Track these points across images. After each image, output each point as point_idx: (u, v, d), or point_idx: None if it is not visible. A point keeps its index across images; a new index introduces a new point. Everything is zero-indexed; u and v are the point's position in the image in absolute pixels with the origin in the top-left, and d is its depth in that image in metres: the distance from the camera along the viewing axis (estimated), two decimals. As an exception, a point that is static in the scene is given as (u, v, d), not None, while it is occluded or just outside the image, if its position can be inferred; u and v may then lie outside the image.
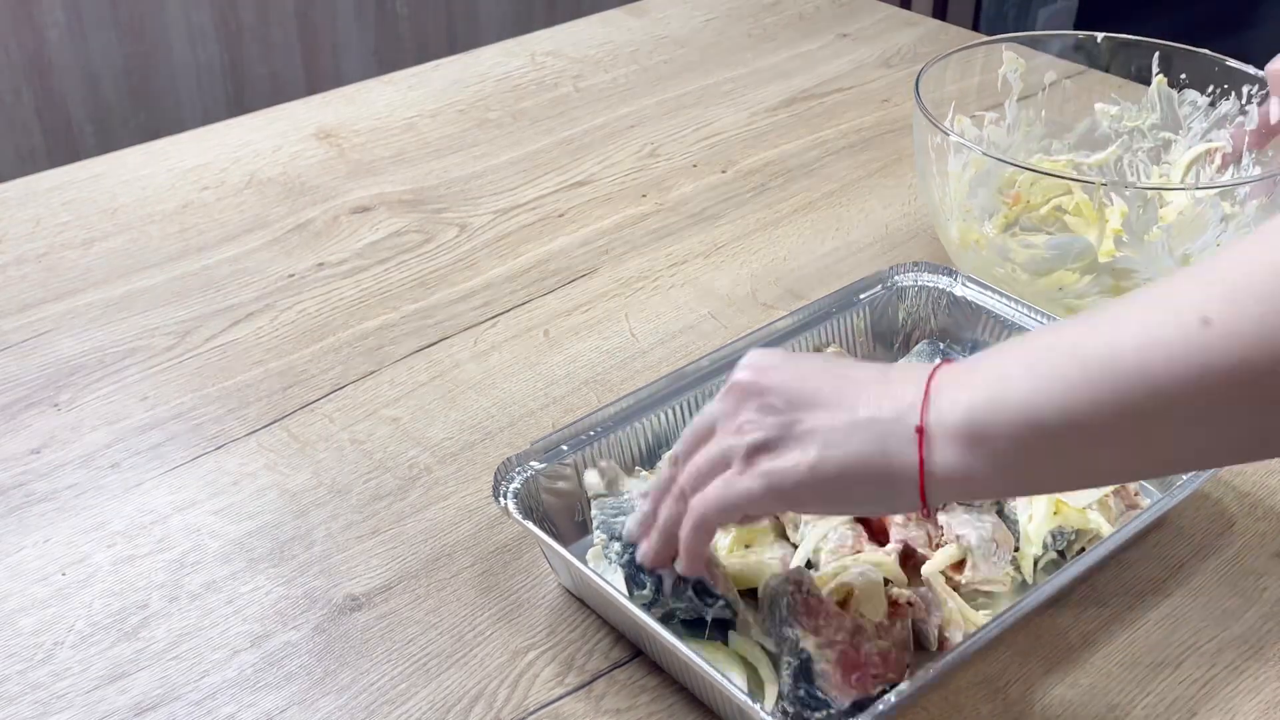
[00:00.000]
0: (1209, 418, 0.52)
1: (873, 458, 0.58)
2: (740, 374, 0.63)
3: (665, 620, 0.69)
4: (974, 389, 0.56)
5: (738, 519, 0.64)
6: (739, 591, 0.70)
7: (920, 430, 0.56)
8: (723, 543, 0.72)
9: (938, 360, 0.61)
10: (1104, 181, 0.99)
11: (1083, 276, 0.91)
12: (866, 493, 0.59)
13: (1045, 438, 0.54)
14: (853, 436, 0.58)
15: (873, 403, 0.58)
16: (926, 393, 0.57)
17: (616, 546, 0.70)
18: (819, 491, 0.59)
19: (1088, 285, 0.91)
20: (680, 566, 0.65)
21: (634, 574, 0.69)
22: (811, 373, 0.61)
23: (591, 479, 0.73)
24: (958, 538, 0.72)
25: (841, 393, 0.60)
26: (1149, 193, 0.93)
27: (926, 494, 0.57)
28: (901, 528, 0.73)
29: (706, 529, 0.63)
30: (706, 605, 0.68)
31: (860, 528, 0.73)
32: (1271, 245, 0.51)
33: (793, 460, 0.59)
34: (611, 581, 0.69)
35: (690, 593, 0.68)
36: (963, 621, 0.70)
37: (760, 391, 0.61)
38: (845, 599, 0.69)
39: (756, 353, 0.64)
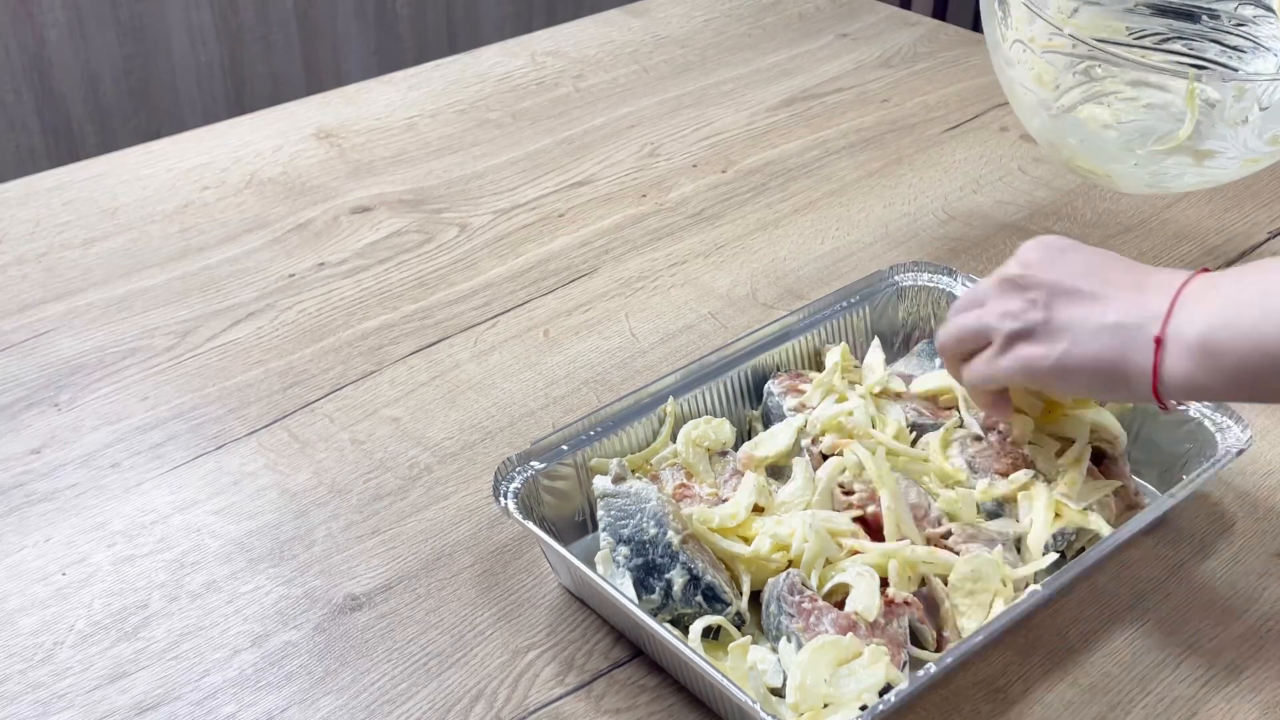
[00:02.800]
0: None
1: (1113, 358, 0.67)
2: (1011, 267, 0.72)
3: (674, 622, 0.69)
4: (1211, 310, 0.65)
5: (998, 387, 0.75)
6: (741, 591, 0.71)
7: (1158, 341, 0.66)
8: (714, 521, 0.72)
9: (1191, 273, 0.68)
10: (1198, 76, 0.94)
11: (1168, 155, 0.91)
12: (1105, 385, 0.69)
13: (1269, 359, 0.62)
14: (1099, 337, 0.68)
15: (1123, 308, 0.68)
16: (1172, 306, 0.66)
17: (624, 550, 0.70)
18: (1064, 379, 0.70)
19: (1170, 163, 0.91)
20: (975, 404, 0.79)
21: (643, 579, 0.69)
22: (1075, 270, 0.71)
23: (599, 480, 0.73)
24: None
25: (1098, 294, 0.69)
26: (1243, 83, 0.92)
27: (1159, 393, 0.67)
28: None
29: (974, 390, 0.77)
30: (716, 610, 0.68)
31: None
32: None
33: (1043, 351, 0.70)
34: (615, 583, 0.69)
35: (700, 598, 0.68)
36: (961, 621, 0.70)
37: (1026, 286, 0.71)
38: (841, 598, 0.69)
39: (1029, 248, 0.73)
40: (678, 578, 0.68)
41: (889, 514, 0.72)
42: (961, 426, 0.81)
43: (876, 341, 0.88)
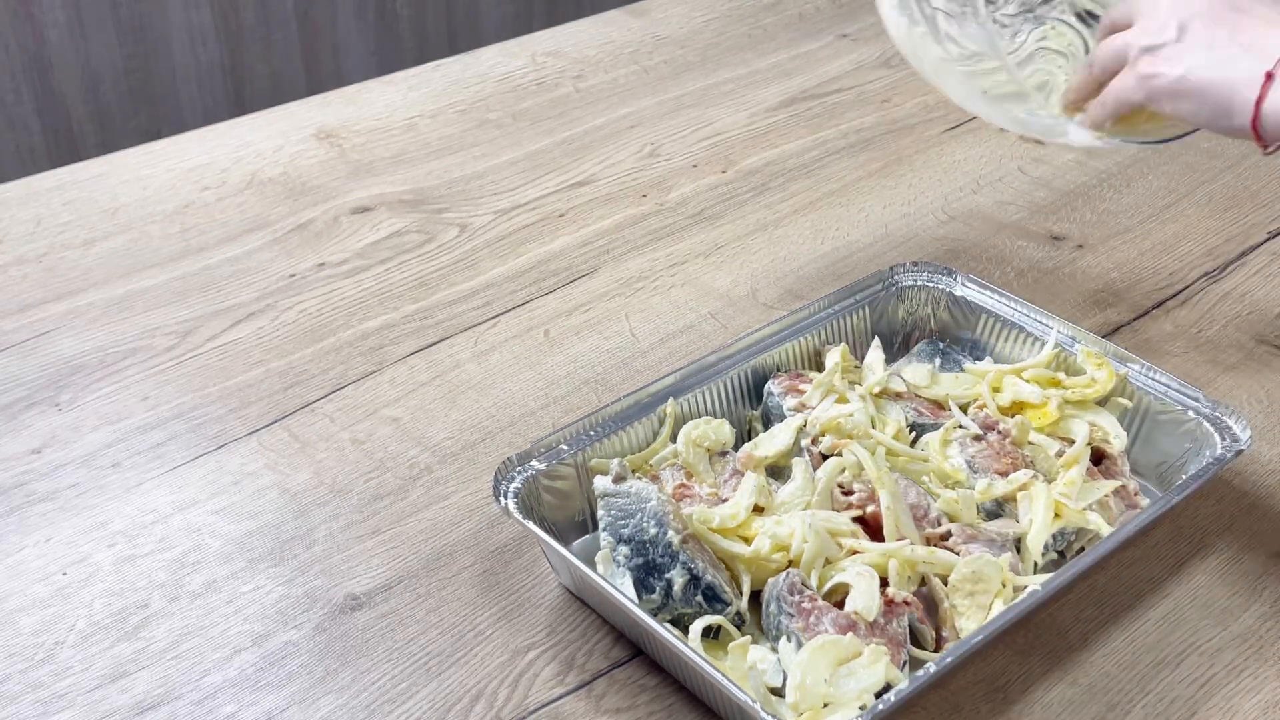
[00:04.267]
0: None
1: (1224, 87, 0.72)
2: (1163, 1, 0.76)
3: (674, 622, 0.69)
4: None
5: (1126, 108, 0.79)
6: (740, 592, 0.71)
7: (1269, 76, 0.70)
8: (714, 521, 0.72)
9: None
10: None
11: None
12: (1212, 113, 0.73)
13: None
14: (1219, 66, 0.72)
15: (1249, 42, 0.72)
16: None
17: (625, 550, 0.70)
18: (1176, 100, 0.75)
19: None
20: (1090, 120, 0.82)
21: (643, 579, 0.69)
22: (1220, 3, 0.74)
23: (599, 480, 0.73)
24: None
25: (1233, 25, 0.73)
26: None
27: (1259, 124, 0.71)
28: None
29: (1106, 109, 0.80)
30: (716, 610, 0.68)
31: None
32: None
33: (1164, 68, 0.74)
34: (615, 583, 0.69)
35: (700, 598, 0.68)
36: (960, 621, 0.70)
37: (1173, 6, 0.75)
38: (841, 598, 0.69)
39: None
40: (678, 577, 0.68)
41: (888, 514, 0.72)
42: (961, 427, 0.81)
43: (876, 341, 0.88)
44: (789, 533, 0.71)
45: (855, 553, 0.71)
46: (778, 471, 0.79)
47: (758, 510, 0.74)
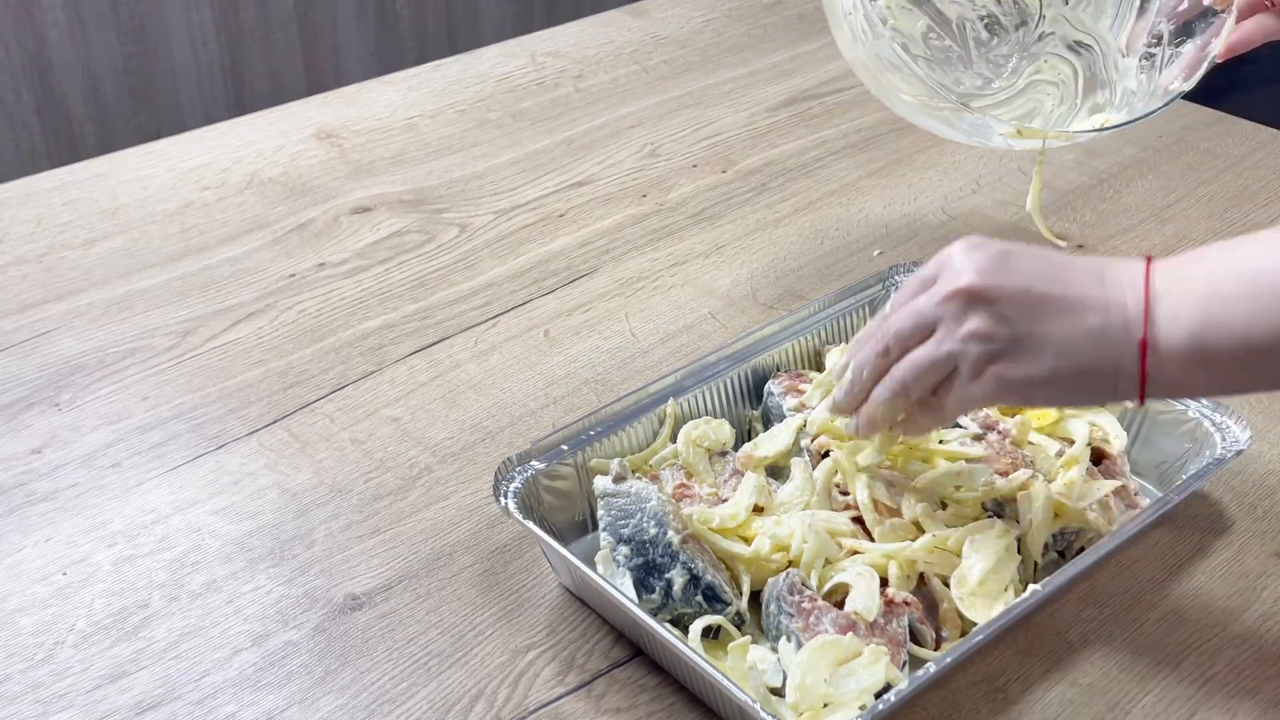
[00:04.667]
0: None
1: (1103, 367, 0.63)
2: (964, 278, 0.64)
3: (674, 622, 0.69)
4: (1192, 307, 0.61)
5: (970, 411, 0.71)
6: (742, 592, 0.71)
7: (1143, 345, 0.62)
8: (714, 521, 0.72)
9: (1143, 259, 0.64)
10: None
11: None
12: (1092, 394, 0.64)
13: (1262, 356, 0.60)
14: (1084, 347, 0.63)
15: (1099, 311, 0.63)
16: (1146, 302, 0.62)
17: (625, 550, 0.70)
18: (1050, 394, 0.64)
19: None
20: (860, 428, 0.70)
21: (643, 579, 0.69)
22: (1032, 275, 0.64)
23: (599, 480, 0.73)
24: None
25: (1067, 300, 0.63)
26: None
27: (1146, 396, 0.63)
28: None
29: (944, 421, 0.69)
30: (716, 610, 0.68)
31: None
32: None
33: (1027, 370, 0.63)
34: (615, 583, 0.69)
35: (700, 598, 0.68)
36: (960, 621, 0.70)
37: (989, 300, 0.63)
38: (841, 598, 0.69)
39: (973, 254, 0.65)
40: (678, 577, 0.68)
41: (865, 508, 0.72)
42: (958, 425, 0.81)
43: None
44: (789, 533, 0.71)
45: (855, 553, 0.71)
46: (777, 471, 0.79)
47: (757, 510, 0.74)
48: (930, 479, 0.75)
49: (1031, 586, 0.69)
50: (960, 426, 0.80)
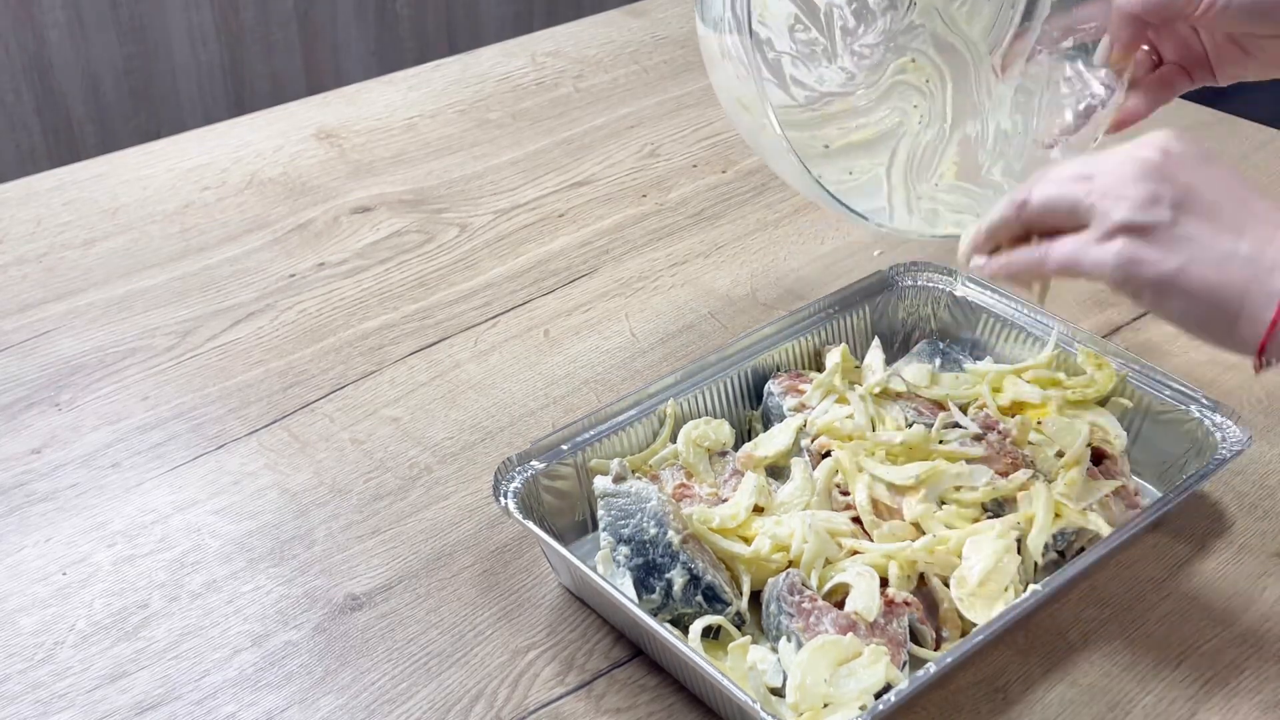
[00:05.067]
0: None
1: (1230, 295, 0.58)
2: (1148, 151, 0.61)
3: (674, 622, 0.69)
4: None
5: (1073, 277, 0.63)
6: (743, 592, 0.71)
7: None
8: (714, 521, 0.72)
9: None
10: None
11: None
12: (1207, 322, 0.59)
13: None
14: (1224, 264, 0.58)
15: (1259, 241, 0.58)
16: None
17: (625, 550, 0.70)
18: (1165, 298, 0.59)
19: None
20: (998, 274, 0.65)
21: (644, 579, 0.69)
22: (1217, 184, 0.60)
23: (599, 480, 0.73)
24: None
25: (1237, 218, 0.59)
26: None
27: (1266, 351, 0.58)
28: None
29: (1044, 267, 0.63)
30: (716, 611, 0.68)
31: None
32: None
33: (1157, 256, 0.59)
34: (615, 583, 0.69)
35: (700, 598, 0.68)
36: (960, 621, 0.70)
37: (1160, 177, 0.60)
38: (841, 598, 0.69)
39: (1172, 137, 0.62)
40: (678, 577, 0.68)
41: (863, 510, 0.72)
42: (960, 427, 0.81)
43: (876, 341, 0.88)
44: (789, 533, 0.71)
45: (855, 553, 0.71)
46: (777, 471, 0.79)
47: (757, 510, 0.74)
48: (931, 480, 0.75)
49: (1031, 586, 0.69)
50: (960, 427, 0.80)
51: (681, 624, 0.69)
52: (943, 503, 0.75)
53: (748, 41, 0.73)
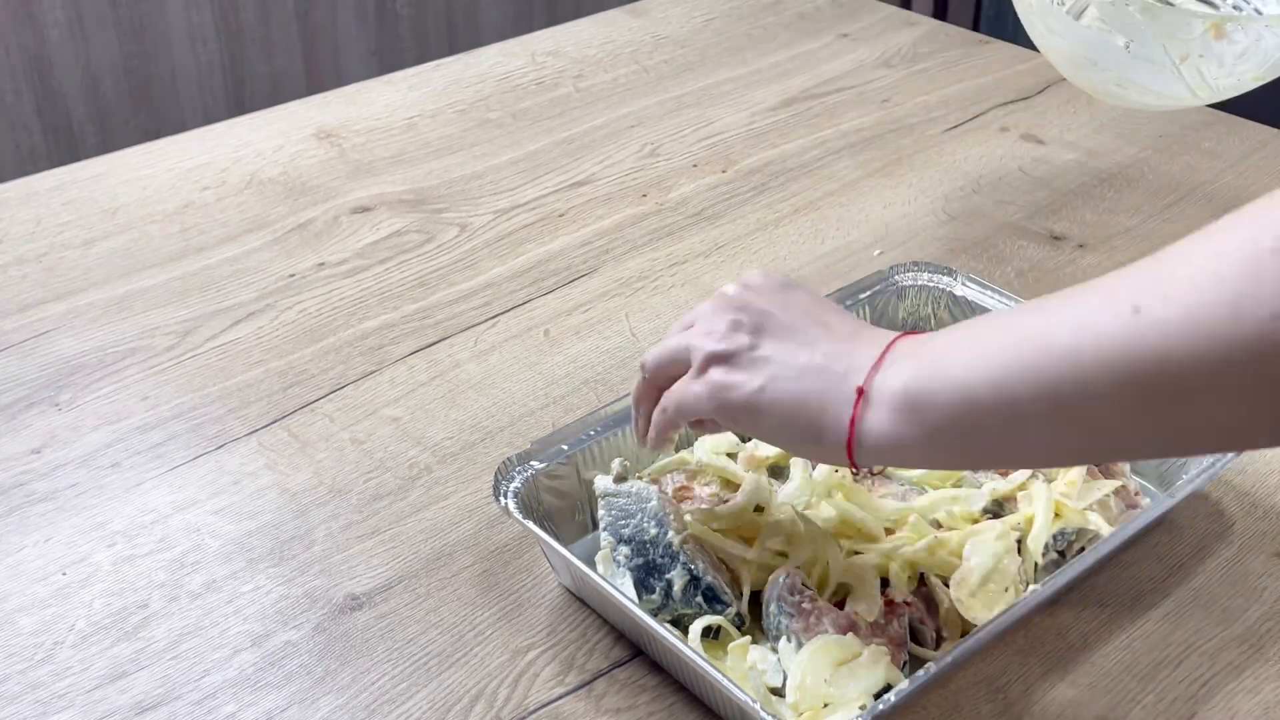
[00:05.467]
0: (1130, 407, 0.51)
1: (810, 403, 0.60)
2: (730, 287, 0.66)
3: (674, 623, 0.69)
4: (920, 363, 0.58)
5: (689, 420, 0.66)
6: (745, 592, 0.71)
7: (860, 391, 0.59)
8: (715, 523, 0.72)
9: (903, 330, 0.63)
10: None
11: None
12: (798, 434, 0.62)
13: (976, 413, 0.55)
14: (802, 377, 0.61)
15: (832, 353, 0.61)
16: (881, 357, 0.60)
17: (625, 550, 0.70)
18: (755, 417, 0.63)
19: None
20: (648, 438, 0.69)
21: (644, 579, 0.69)
22: (794, 307, 0.65)
23: (600, 480, 0.73)
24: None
25: (810, 335, 0.63)
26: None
27: (853, 451, 0.60)
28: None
29: (665, 419, 0.67)
30: (716, 611, 0.68)
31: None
32: (1210, 239, 0.50)
33: (739, 379, 0.62)
34: (615, 583, 0.69)
35: (700, 598, 0.68)
36: (960, 621, 0.70)
37: (739, 308, 0.65)
38: (842, 599, 0.69)
39: (757, 272, 0.67)
40: (678, 578, 0.68)
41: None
42: None
43: None
44: (789, 534, 0.71)
45: (855, 553, 0.71)
46: (778, 471, 0.79)
47: (758, 510, 0.74)
48: (927, 504, 0.74)
49: (1031, 586, 0.69)
50: None
51: (681, 625, 0.69)
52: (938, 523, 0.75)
53: None
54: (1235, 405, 0.49)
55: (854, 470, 0.61)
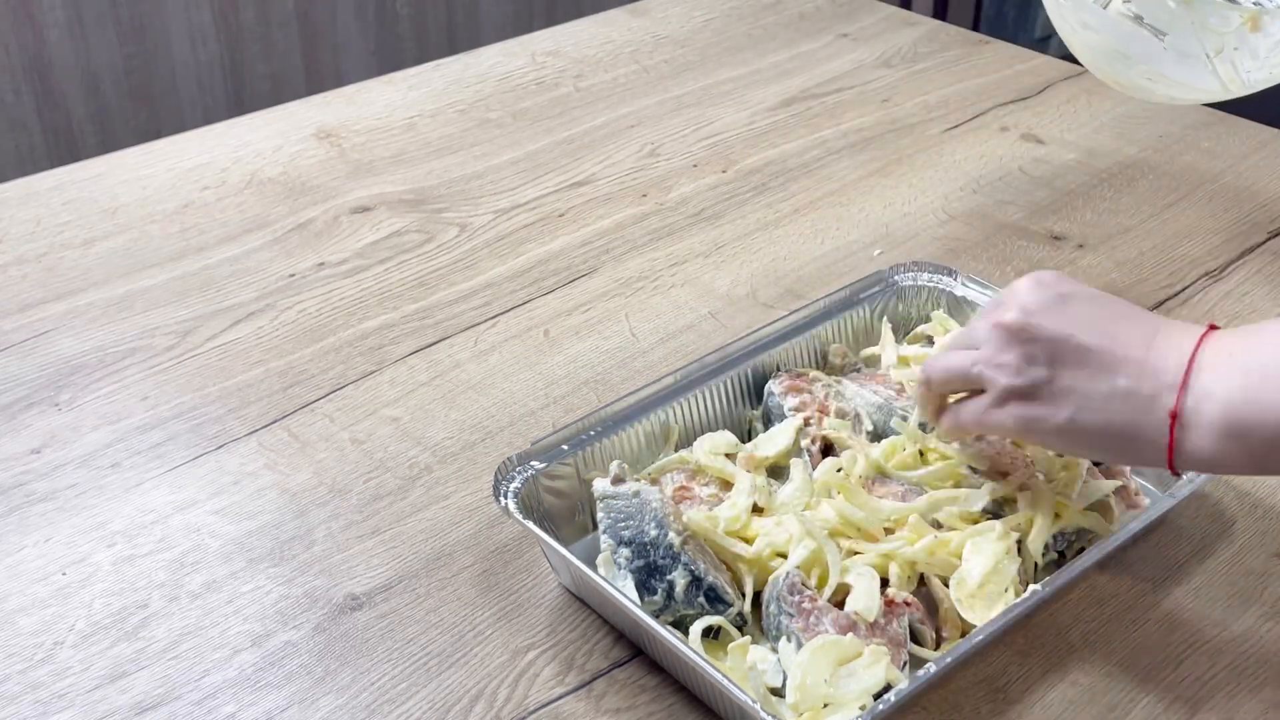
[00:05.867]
0: None
1: (1125, 428, 0.62)
2: (1010, 315, 0.66)
3: (677, 624, 0.69)
4: (1231, 384, 0.59)
5: (986, 434, 0.71)
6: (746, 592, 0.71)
7: (1174, 415, 0.60)
8: (715, 524, 0.72)
9: (1204, 327, 0.63)
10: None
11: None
12: (1117, 451, 0.65)
13: None
14: (1109, 404, 0.62)
15: (1134, 373, 0.62)
16: (1188, 373, 0.60)
17: (626, 552, 0.70)
18: (1070, 442, 0.66)
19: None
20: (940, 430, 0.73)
21: (645, 580, 0.69)
22: (1080, 324, 0.65)
23: (598, 482, 0.73)
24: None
25: (1105, 355, 0.63)
26: None
27: (1175, 465, 0.62)
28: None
29: (965, 430, 0.71)
30: (719, 611, 0.68)
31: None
32: None
33: (1047, 413, 0.65)
34: (615, 584, 0.69)
35: (702, 598, 0.68)
36: (960, 621, 0.70)
37: (1028, 338, 0.65)
38: (842, 599, 0.69)
39: (1027, 290, 0.67)
40: (680, 579, 0.68)
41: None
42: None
43: (887, 324, 0.89)
44: (788, 534, 0.71)
45: (855, 553, 0.71)
46: (778, 471, 0.79)
47: (758, 511, 0.74)
48: (926, 505, 0.74)
49: (1032, 587, 0.69)
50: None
51: (683, 625, 0.69)
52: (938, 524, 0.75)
53: None
54: None
55: (1175, 475, 0.65)
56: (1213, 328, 0.63)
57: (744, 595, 0.70)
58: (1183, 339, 0.62)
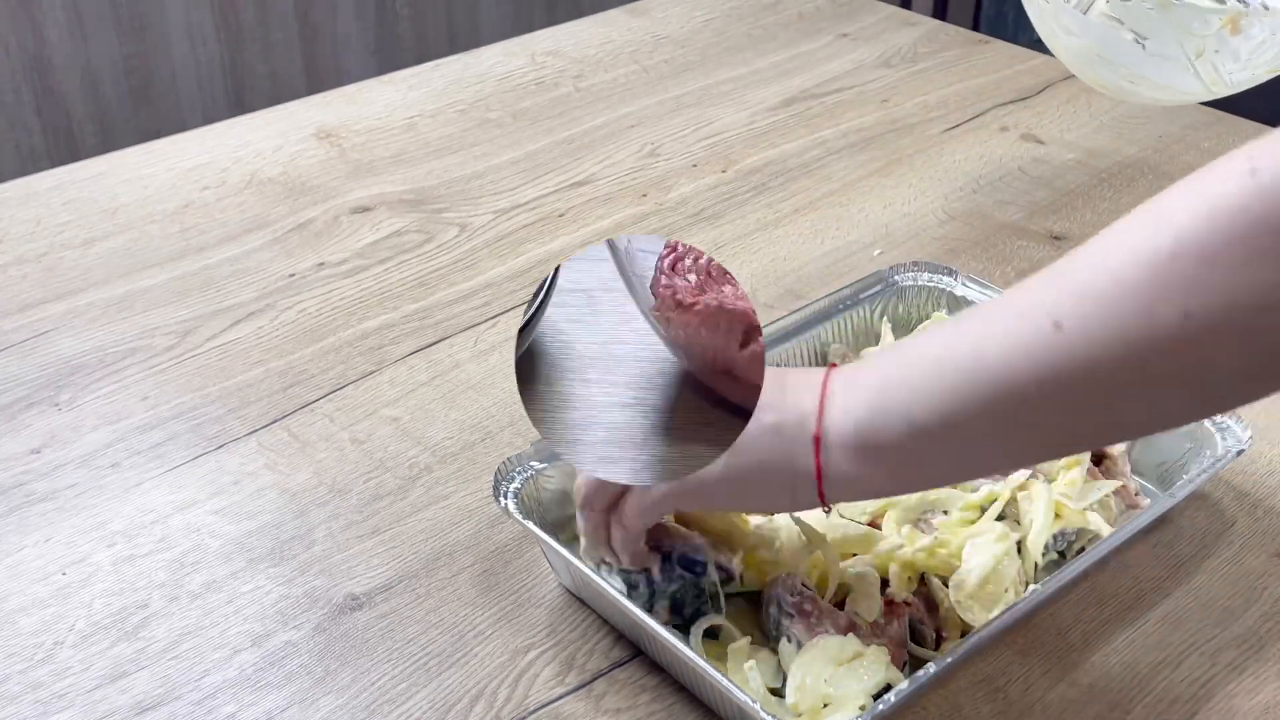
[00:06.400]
0: (1070, 411, 0.55)
1: (778, 462, 0.62)
2: None
3: (675, 609, 0.69)
4: (859, 399, 0.60)
5: (656, 520, 0.68)
6: (744, 593, 0.70)
7: (816, 439, 0.61)
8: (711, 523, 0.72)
9: (826, 368, 0.64)
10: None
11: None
12: (772, 492, 0.64)
13: (927, 442, 0.58)
14: (759, 442, 0.62)
15: (776, 408, 0.62)
16: (821, 400, 0.61)
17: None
18: (727, 494, 0.64)
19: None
20: (625, 562, 0.68)
21: (628, 576, 0.69)
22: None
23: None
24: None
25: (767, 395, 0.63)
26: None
27: (825, 494, 0.61)
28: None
29: (633, 535, 0.67)
30: (699, 575, 0.68)
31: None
32: (1109, 247, 0.56)
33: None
34: (611, 583, 0.69)
35: (679, 570, 0.68)
36: (960, 621, 0.70)
37: None
38: (842, 599, 0.69)
39: None
40: (654, 563, 0.68)
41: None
42: None
43: (888, 324, 0.89)
44: (787, 535, 0.71)
45: (855, 553, 0.71)
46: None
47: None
48: (912, 504, 0.74)
49: (1031, 587, 0.69)
50: None
51: (681, 613, 0.69)
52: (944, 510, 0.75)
53: None
54: (1166, 395, 0.54)
55: (826, 510, 0.63)
56: (832, 365, 0.64)
57: (733, 559, 0.69)
58: (811, 376, 0.63)
